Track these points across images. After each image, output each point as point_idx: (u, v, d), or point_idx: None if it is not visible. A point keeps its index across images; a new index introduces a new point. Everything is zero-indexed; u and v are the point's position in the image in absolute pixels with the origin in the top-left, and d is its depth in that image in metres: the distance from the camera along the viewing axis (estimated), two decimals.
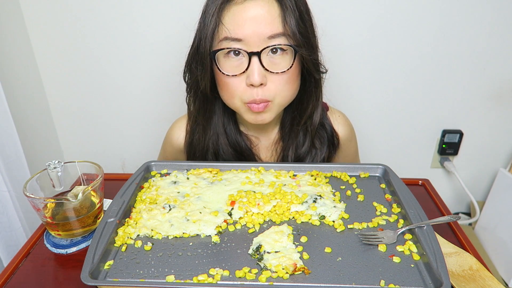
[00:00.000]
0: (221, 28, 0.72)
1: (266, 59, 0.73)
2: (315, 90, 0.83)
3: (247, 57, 0.72)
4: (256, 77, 0.72)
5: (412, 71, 1.24)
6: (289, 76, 0.76)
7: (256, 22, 0.70)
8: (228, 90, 0.77)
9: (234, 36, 0.71)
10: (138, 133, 1.36)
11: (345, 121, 0.95)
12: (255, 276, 0.57)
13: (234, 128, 0.89)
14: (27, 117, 1.20)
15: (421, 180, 0.88)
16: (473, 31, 1.17)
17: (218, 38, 0.73)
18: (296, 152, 0.89)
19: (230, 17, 0.72)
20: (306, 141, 0.89)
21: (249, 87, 0.75)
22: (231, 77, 0.75)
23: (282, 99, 0.78)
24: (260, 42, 0.72)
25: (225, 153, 0.89)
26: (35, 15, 1.17)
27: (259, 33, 0.71)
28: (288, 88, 0.77)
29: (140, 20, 1.17)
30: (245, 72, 0.74)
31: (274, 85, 0.75)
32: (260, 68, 0.73)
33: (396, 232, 0.64)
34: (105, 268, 0.58)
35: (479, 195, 1.46)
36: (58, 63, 1.24)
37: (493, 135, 1.34)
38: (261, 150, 0.93)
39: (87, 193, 0.65)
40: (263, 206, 0.70)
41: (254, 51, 0.72)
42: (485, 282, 0.60)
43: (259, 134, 0.93)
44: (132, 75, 1.26)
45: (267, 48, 0.72)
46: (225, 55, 0.75)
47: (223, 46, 0.73)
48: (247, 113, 0.80)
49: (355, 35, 1.18)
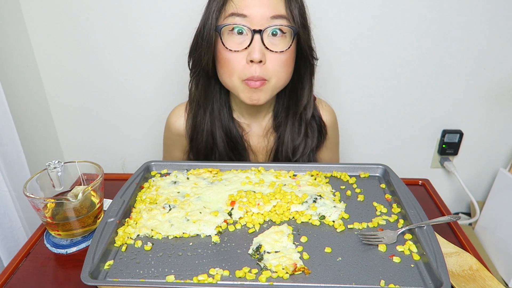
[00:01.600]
0: (229, 4, 0.78)
1: (267, 39, 0.78)
2: (310, 77, 0.88)
3: (250, 34, 0.77)
4: (257, 54, 0.77)
5: (412, 71, 1.24)
6: (286, 57, 0.81)
7: (261, 3, 0.77)
8: (228, 67, 0.81)
9: (240, 12, 0.77)
10: (138, 133, 1.36)
11: (331, 110, 0.99)
12: (255, 276, 0.57)
13: (227, 114, 0.92)
14: (27, 117, 1.19)
15: (421, 180, 0.88)
16: (473, 31, 1.17)
17: (225, 15, 0.79)
18: (293, 142, 0.92)
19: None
20: (302, 130, 0.92)
21: (248, 64, 0.79)
22: (233, 52, 0.79)
23: (277, 80, 0.82)
24: (263, 21, 0.77)
25: (218, 137, 0.92)
26: (35, 15, 1.17)
27: (263, 12, 0.77)
28: (284, 70, 0.82)
29: (140, 20, 1.17)
30: (247, 48, 0.78)
31: (272, 64, 0.80)
32: (261, 46, 0.78)
33: (396, 232, 0.64)
34: (105, 268, 0.58)
35: (479, 195, 1.46)
36: (58, 63, 1.24)
37: (493, 135, 1.34)
38: (252, 137, 0.95)
39: (87, 193, 0.65)
40: (263, 206, 0.70)
41: (257, 29, 0.77)
42: (485, 282, 0.60)
43: (251, 121, 0.95)
44: (132, 75, 1.26)
45: (269, 27, 0.77)
46: (229, 31, 0.79)
47: (229, 21, 0.78)
48: (243, 92, 0.83)
49: (354, 36, 1.18)
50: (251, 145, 0.95)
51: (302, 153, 0.93)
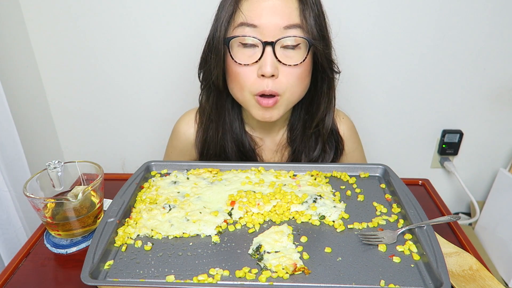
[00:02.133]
0: (238, 14, 0.73)
1: (280, 51, 0.73)
2: (327, 91, 0.83)
3: (261, 46, 0.72)
4: (268, 68, 0.72)
5: (412, 71, 1.24)
6: (301, 71, 0.75)
7: (273, 12, 0.71)
8: (238, 81, 0.77)
9: (250, 21, 0.72)
10: (138, 133, 1.36)
11: (349, 122, 0.95)
12: (255, 276, 0.57)
13: (239, 127, 0.88)
14: (27, 117, 1.20)
15: (421, 180, 0.88)
16: (473, 31, 1.17)
17: (234, 25, 0.74)
18: (309, 156, 0.88)
19: (248, 5, 0.73)
20: (318, 145, 0.88)
21: (260, 78, 0.74)
22: (243, 66, 0.74)
23: (291, 95, 0.77)
24: (276, 32, 0.72)
25: (230, 150, 0.88)
26: (35, 15, 1.17)
27: (275, 23, 0.71)
28: (299, 84, 0.77)
29: (140, 21, 1.17)
30: (258, 62, 0.73)
31: (285, 78, 0.75)
32: (273, 59, 0.72)
33: (396, 232, 0.64)
34: (105, 268, 0.58)
35: (479, 195, 1.46)
36: (58, 63, 1.24)
37: (493, 135, 1.34)
38: (264, 151, 0.92)
39: (87, 193, 0.65)
40: (263, 206, 0.70)
41: (269, 41, 0.72)
42: (485, 282, 0.60)
43: (264, 135, 0.92)
44: (132, 75, 1.26)
45: (282, 39, 0.72)
46: (239, 44, 0.74)
47: (238, 33, 0.73)
48: (255, 108, 0.79)
49: (354, 35, 1.18)
50: (264, 160, 0.92)
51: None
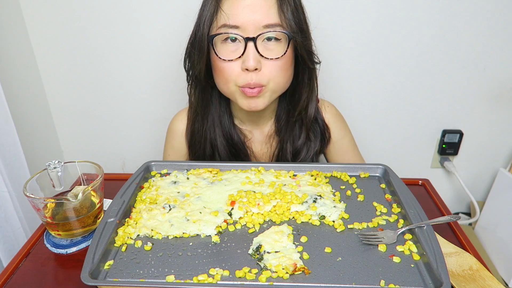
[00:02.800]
0: (220, 14, 0.76)
1: (261, 46, 0.77)
2: (308, 82, 0.86)
3: (243, 42, 0.76)
4: (251, 62, 0.76)
5: (412, 71, 1.24)
6: (283, 62, 0.79)
7: (253, 10, 0.74)
8: (223, 75, 0.80)
9: (232, 23, 0.75)
10: (138, 133, 1.36)
11: (333, 109, 0.97)
12: (255, 276, 0.57)
13: (228, 121, 0.91)
14: (27, 117, 1.19)
15: (421, 180, 0.88)
16: (473, 31, 1.17)
17: (217, 25, 0.77)
18: (294, 145, 0.91)
19: (229, 5, 0.75)
20: (302, 134, 0.91)
21: (244, 72, 0.78)
22: (227, 61, 0.78)
23: (275, 84, 0.80)
24: (256, 29, 0.75)
25: (219, 144, 0.91)
26: (35, 15, 1.17)
27: (256, 21, 0.75)
28: (282, 75, 0.80)
29: (140, 20, 1.17)
30: (241, 57, 0.77)
31: (268, 70, 0.78)
32: (255, 53, 0.76)
33: (396, 232, 0.64)
34: (105, 268, 0.58)
35: (479, 195, 1.46)
36: (58, 63, 1.24)
37: (493, 135, 1.34)
38: (254, 143, 0.95)
39: (87, 193, 0.65)
40: (263, 206, 0.70)
41: (250, 37, 0.75)
42: (485, 282, 0.60)
43: (253, 127, 0.94)
44: (132, 75, 1.26)
45: (262, 34, 0.75)
46: (222, 41, 0.78)
47: (221, 31, 0.77)
48: (241, 98, 0.82)
49: (354, 35, 1.18)
50: (253, 152, 0.95)
51: (305, 157, 0.91)
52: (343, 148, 0.98)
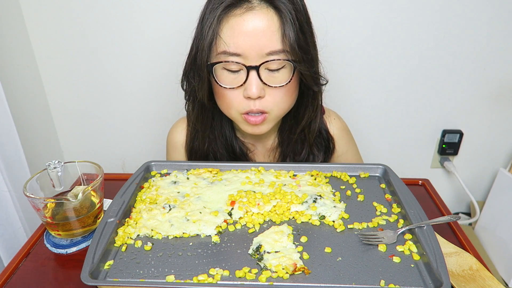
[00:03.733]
0: (219, 41, 0.71)
1: (265, 73, 0.73)
2: (312, 102, 0.83)
3: (245, 70, 0.72)
4: (254, 90, 0.72)
5: (412, 71, 1.24)
6: (287, 89, 0.76)
7: (255, 37, 0.69)
8: (225, 101, 0.78)
9: (232, 51, 0.71)
10: (138, 133, 1.36)
11: (340, 123, 0.95)
12: (255, 276, 0.57)
13: (230, 134, 0.90)
14: (27, 117, 1.20)
15: (421, 180, 0.88)
16: (473, 31, 1.17)
17: (216, 51, 0.72)
18: (294, 160, 0.90)
19: (229, 30, 0.70)
20: (304, 149, 0.89)
21: (246, 99, 0.75)
22: (229, 89, 0.75)
23: (279, 111, 0.79)
24: (258, 57, 0.71)
25: (221, 157, 0.90)
26: (35, 15, 1.17)
27: (258, 48, 0.70)
28: (286, 100, 0.78)
29: (140, 20, 1.17)
30: (243, 85, 0.74)
31: (271, 97, 0.75)
32: (258, 82, 0.72)
33: (396, 232, 0.64)
34: (105, 268, 0.58)
35: (479, 195, 1.46)
36: (58, 63, 1.24)
37: (493, 135, 1.34)
38: (257, 156, 0.94)
39: (87, 193, 0.65)
40: (263, 206, 0.70)
41: (253, 65, 0.71)
42: (485, 282, 0.60)
43: (255, 141, 0.93)
44: (132, 75, 1.26)
45: (266, 62, 0.71)
46: (222, 67, 0.74)
47: (221, 59, 0.72)
48: (243, 125, 0.81)
49: (354, 35, 1.18)
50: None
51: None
52: (348, 161, 0.97)
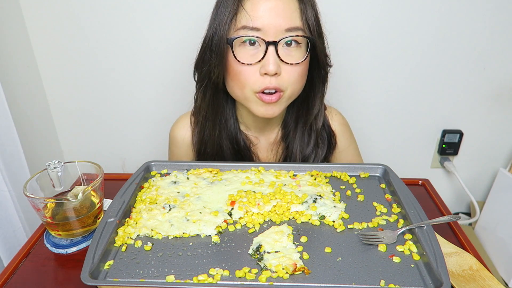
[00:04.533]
0: (241, 14, 0.73)
1: (282, 50, 0.75)
2: (322, 87, 0.85)
3: (264, 46, 0.74)
4: (271, 66, 0.73)
5: (412, 71, 1.24)
6: (302, 68, 0.78)
7: (275, 14, 0.72)
8: (239, 80, 0.77)
9: (253, 25, 0.73)
10: (138, 133, 1.36)
11: (341, 118, 0.97)
12: (255, 276, 0.57)
13: (234, 126, 0.90)
14: (27, 117, 1.20)
15: (421, 180, 0.88)
16: (473, 31, 1.17)
17: (236, 27, 0.74)
18: (302, 153, 0.90)
19: (250, 6, 0.73)
20: (312, 140, 0.89)
21: (262, 76, 0.75)
22: (246, 65, 0.75)
23: (292, 90, 0.79)
24: (278, 33, 0.73)
25: (226, 148, 0.90)
26: (35, 15, 1.17)
27: (278, 24, 0.72)
28: (299, 81, 0.79)
29: (140, 20, 1.17)
30: (260, 61, 0.75)
31: (287, 75, 0.76)
32: (276, 58, 0.74)
33: (396, 232, 0.64)
34: (105, 268, 0.58)
35: (479, 195, 1.46)
36: (58, 63, 1.24)
37: (493, 135, 1.34)
38: (260, 150, 0.94)
39: (87, 193, 0.65)
40: (263, 206, 0.70)
41: (271, 41, 0.73)
42: (485, 282, 0.60)
43: (259, 134, 0.93)
44: (132, 75, 1.26)
45: (284, 38, 0.74)
46: (240, 43, 0.75)
47: (241, 34, 0.74)
48: (256, 105, 0.80)
49: (354, 35, 1.18)
50: (259, 158, 0.94)
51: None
52: (348, 157, 0.97)
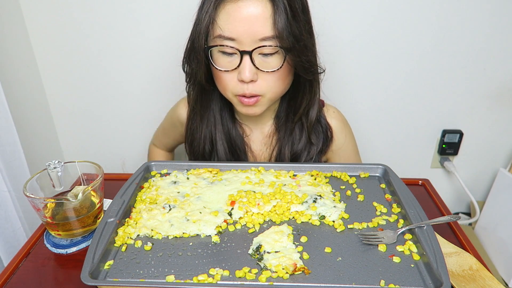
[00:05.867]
0: (215, 25, 0.75)
1: (258, 58, 0.76)
2: (309, 90, 0.85)
3: (239, 55, 0.75)
4: (247, 74, 0.75)
5: (412, 71, 1.23)
6: (279, 74, 0.78)
7: (249, 23, 0.72)
8: (221, 83, 0.81)
9: (227, 35, 0.74)
10: (138, 133, 1.36)
11: (339, 115, 0.97)
12: (255, 276, 0.57)
13: (228, 116, 0.92)
14: (27, 117, 1.19)
15: (421, 180, 0.88)
16: (473, 31, 1.17)
17: (213, 35, 0.76)
18: (292, 149, 0.91)
19: (224, 15, 0.73)
20: (303, 138, 0.90)
21: (240, 82, 0.78)
22: (224, 72, 0.78)
23: (272, 94, 0.81)
24: (252, 42, 0.74)
25: (218, 138, 0.91)
26: (35, 15, 1.17)
27: (251, 33, 0.73)
28: (279, 85, 0.80)
29: (140, 20, 1.17)
30: (237, 69, 0.77)
31: (265, 82, 0.78)
32: (251, 66, 0.75)
33: (396, 232, 0.64)
34: (105, 268, 0.58)
35: (479, 195, 1.45)
36: (58, 63, 1.24)
37: (493, 135, 1.34)
38: (253, 141, 0.95)
39: (87, 193, 0.65)
40: (263, 206, 0.70)
41: (246, 50, 0.74)
42: (485, 282, 0.60)
43: (253, 125, 0.95)
44: (132, 75, 1.26)
45: (258, 48, 0.74)
46: (218, 50, 0.77)
47: (217, 43, 0.76)
48: (238, 105, 0.83)
49: (354, 34, 1.18)
50: (252, 149, 0.94)
51: (305, 160, 0.91)
52: (346, 155, 0.97)
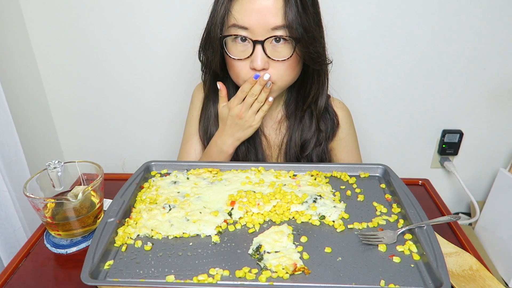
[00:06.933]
0: (230, 16, 0.80)
1: (269, 47, 0.80)
2: (317, 77, 0.89)
3: (251, 44, 0.79)
4: (258, 62, 0.80)
5: (412, 71, 1.24)
6: (290, 63, 0.82)
7: (261, 13, 0.77)
8: (234, 71, 0.85)
9: (241, 24, 0.79)
10: (138, 133, 1.36)
11: (344, 106, 1.00)
12: (255, 276, 0.57)
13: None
14: (27, 117, 1.20)
15: (421, 180, 0.88)
16: (473, 31, 1.17)
17: (227, 24, 0.81)
18: (302, 136, 0.94)
19: (238, 7, 0.79)
20: (313, 125, 0.94)
21: (252, 70, 0.82)
22: (237, 60, 0.82)
23: (282, 82, 0.85)
24: (264, 32, 0.78)
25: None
26: (35, 15, 1.17)
27: (264, 23, 0.77)
28: (289, 73, 0.84)
29: (140, 20, 1.17)
30: (250, 57, 0.81)
31: (275, 70, 0.82)
32: (263, 55, 0.80)
33: (396, 232, 0.64)
34: (105, 268, 0.58)
35: (479, 195, 1.46)
36: (58, 63, 1.24)
37: (493, 135, 1.34)
38: (266, 127, 0.98)
39: (87, 193, 0.65)
40: (263, 206, 0.70)
41: (258, 40, 0.79)
42: (485, 282, 0.60)
43: None
44: (132, 75, 1.26)
45: (270, 38, 0.79)
46: (233, 40, 0.82)
47: (231, 32, 0.81)
48: None
49: (354, 35, 1.18)
50: (265, 134, 0.97)
51: (314, 149, 0.93)
52: (348, 147, 0.99)
